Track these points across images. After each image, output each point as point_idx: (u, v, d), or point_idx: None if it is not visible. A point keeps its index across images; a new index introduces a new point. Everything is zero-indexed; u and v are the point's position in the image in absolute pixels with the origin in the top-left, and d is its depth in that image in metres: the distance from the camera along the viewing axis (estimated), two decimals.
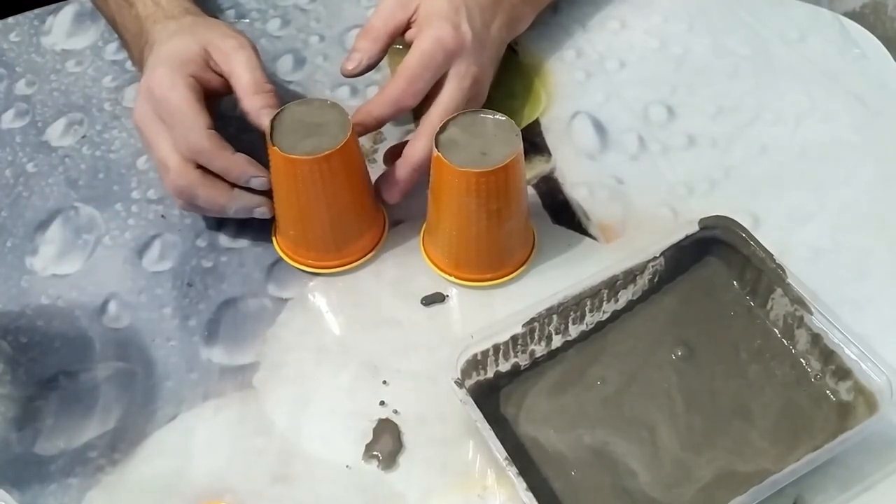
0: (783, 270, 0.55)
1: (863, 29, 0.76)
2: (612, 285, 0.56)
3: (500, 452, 0.48)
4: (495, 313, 0.59)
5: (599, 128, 0.70)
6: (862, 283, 0.60)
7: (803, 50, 0.75)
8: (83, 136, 0.70)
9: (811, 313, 0.53)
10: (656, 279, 0.58)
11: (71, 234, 0.64)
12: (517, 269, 0.60)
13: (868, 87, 0.72)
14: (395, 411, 0.55)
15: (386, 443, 0.53)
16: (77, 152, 0.69)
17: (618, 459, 0.51)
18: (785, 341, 0.56)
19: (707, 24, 0.77)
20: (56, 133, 0.70)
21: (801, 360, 0.55)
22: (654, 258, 0.57)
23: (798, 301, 0.54)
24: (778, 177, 0.63)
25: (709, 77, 0.73)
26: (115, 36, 0.74)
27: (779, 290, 0.55)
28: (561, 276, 0.61)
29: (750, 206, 0.64)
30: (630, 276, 0.56)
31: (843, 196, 0.65)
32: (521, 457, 0.51)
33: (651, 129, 0.62)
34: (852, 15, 0.87)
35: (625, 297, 0.57)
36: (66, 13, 0.79)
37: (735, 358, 0.56)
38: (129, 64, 0.75)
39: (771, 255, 0.56)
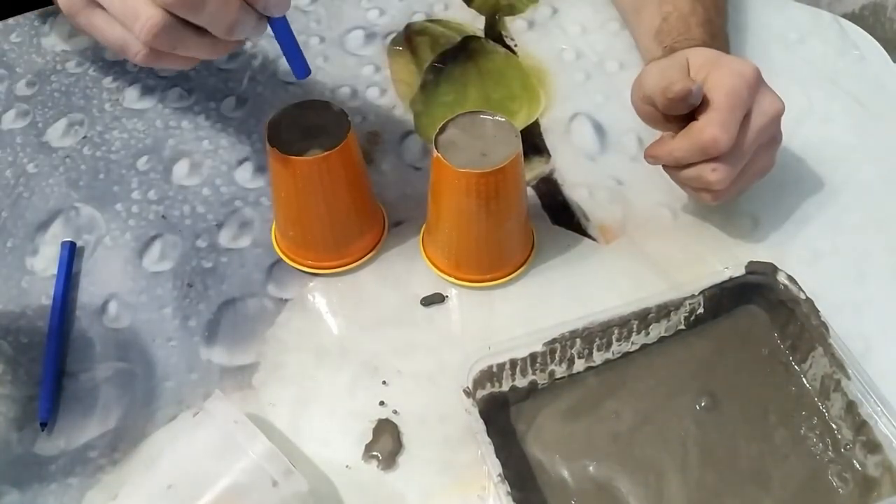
0: (826, 329, 0.53)
1: (862, 31, 0.77)
2: (644, 317, 0.54)
3: (494, 468, 0.47)
4: (495, 314, 0.59)
5: (599, 129, 0.70)
6: (861, 284, 0.60)
7: (802, 52, 0.75)
8: (84, 137, 0.70)
9: (849, 379, 0.51)
10: (692, 318, 0.56)
11: (71, 234, 0.64)
12: (516, 270, 0.61)
13: (867, 88, 0.72)
14: (395, 411, 0.55)
15: (385, 443, 0.53)
16: (78, 153, 0.69)
17: (620, 498, 0.50)
18: (819, 403, 0.53)
19: None
20: (57, 134, 0.70)
21: (833, 425, 0.52)
22: (693, 296, 0.55)
23: (838, 364, 0.52)
24: (777, 178, 0.63)
25: None
26: None
27: (820, 349, 0.53)
28: (560, 276, 0.61)
29: (749, 207, 0.64)
30: (664, 310, 0.55)
31: (842, 197, 0.65)
32: (523, 475, 0.51)
33: (650, 130, 0.62)
34: (851, 17, 0.87)
35: (656, 331, 0.55)
36: None
37: (763, 419, 0.53)
38: (129, 65, 0.75)
39: (817, 312, 0.53)
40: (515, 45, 0.76)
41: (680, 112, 0.56)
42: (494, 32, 0.77)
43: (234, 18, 0.48)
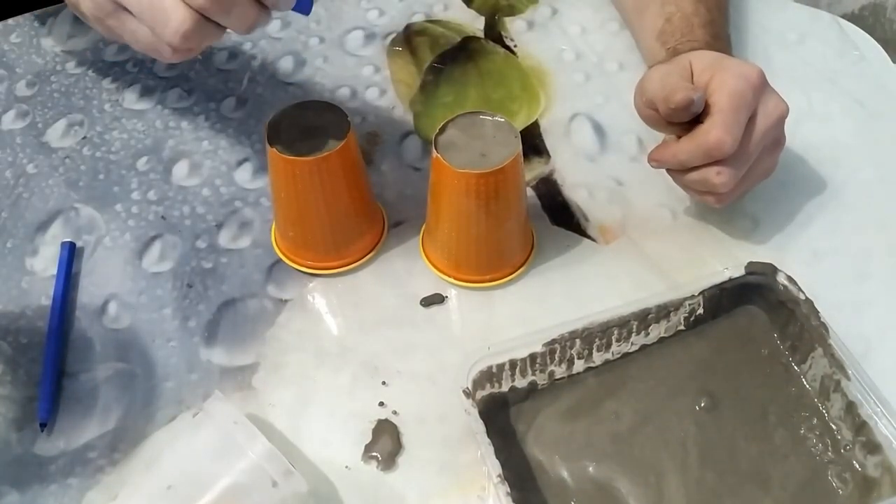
0: (826, 329, 0.52)
1: (861, 31, 0.77)
2: (644, 318, 0.54)
3: (494, 468, 0.47)
4: (494, 314, 0.59)
5: (599, 129, 0.70)
6: (861, 284, 0.60)
7: (802, 52, 0.75)
8: (83, 138, 0.70)
9: (849, 379, 0.51)
10: (692, 318, 0.56)
11: (71, 234, 0.64)
12: (516, 271, 0.61)
13: (867, 89, 0.72)
14: (395, 412, 0.55)
15: (385, 444, 0.53)
16: (77, 153, 0.69)
17: (620, 498, 0.50)
18: (819, 404, 0.53)
19: None
20: (56, 134, 0.70)
21: (833, 425, 0.52)
22: (693, 296, 0.55)
23: (838, 365, 0.52)
24: (777, 179, 0.63)
25: None
26: None
27: (819, 350, 0.53)
28: (560, 277, 0.61)
29: (749, 208, 0.64)
30: (664, 310, 0.55)
31: (841, 198, 0.65)
32: (523, 476, 0.51)
33: (650, 130, 0.62)
34: (851, 17, 0.87)
35: (656, 331, 0.55)
36: (67, 15, 0.79)
37: (762, 419, 0.53)
38: (129, 65, 0.75)
39: (816, 312, 0.53)
40: (515, 46, 0.76)
41: (682, 120, 0.56)
42: (494, 33, 0.78)
43: (253, 20, 0.51)
